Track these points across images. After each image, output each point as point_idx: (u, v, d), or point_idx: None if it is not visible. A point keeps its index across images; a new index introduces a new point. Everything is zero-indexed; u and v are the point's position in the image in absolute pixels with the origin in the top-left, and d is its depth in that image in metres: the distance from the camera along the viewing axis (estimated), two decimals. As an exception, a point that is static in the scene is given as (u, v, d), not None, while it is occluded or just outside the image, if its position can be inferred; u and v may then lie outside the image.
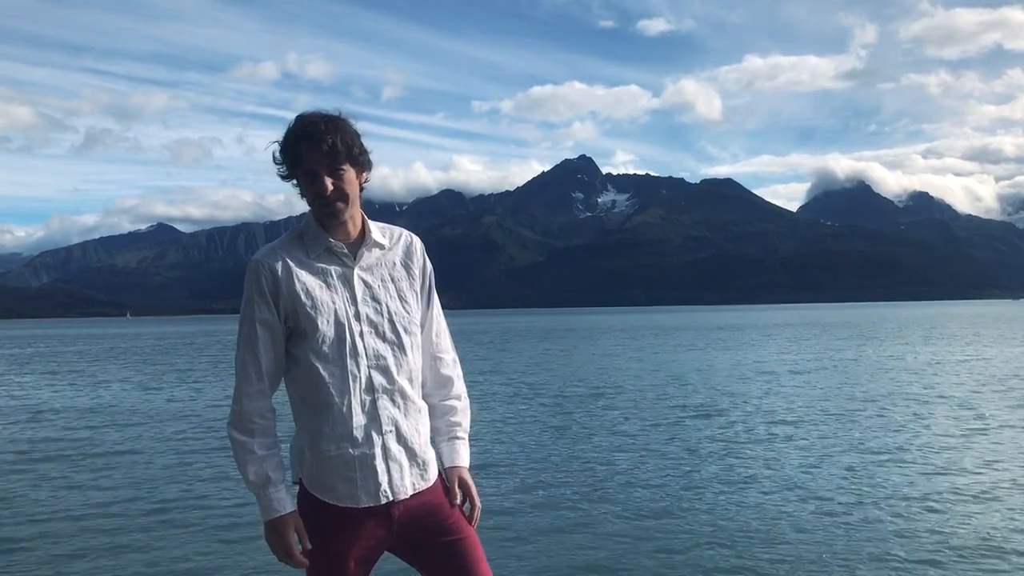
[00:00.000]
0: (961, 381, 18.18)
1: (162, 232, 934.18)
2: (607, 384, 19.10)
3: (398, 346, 2.35)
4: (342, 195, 2.28)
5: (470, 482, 2.48)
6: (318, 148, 2.22)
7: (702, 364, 24.74)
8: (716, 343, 37.21)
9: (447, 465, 2.47)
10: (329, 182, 2.25)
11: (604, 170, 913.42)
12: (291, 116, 2.30)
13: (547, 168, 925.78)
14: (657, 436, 11.59)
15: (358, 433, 2.27)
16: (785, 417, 13.04)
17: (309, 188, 2.28)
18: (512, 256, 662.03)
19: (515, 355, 32.24)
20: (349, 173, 2.29)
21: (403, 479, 2.32)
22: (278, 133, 2.32)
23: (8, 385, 22.71)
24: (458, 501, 2.44)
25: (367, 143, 2.34)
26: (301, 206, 2.38)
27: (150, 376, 24.90)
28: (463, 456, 2.50)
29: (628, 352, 31.72)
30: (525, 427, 12.81)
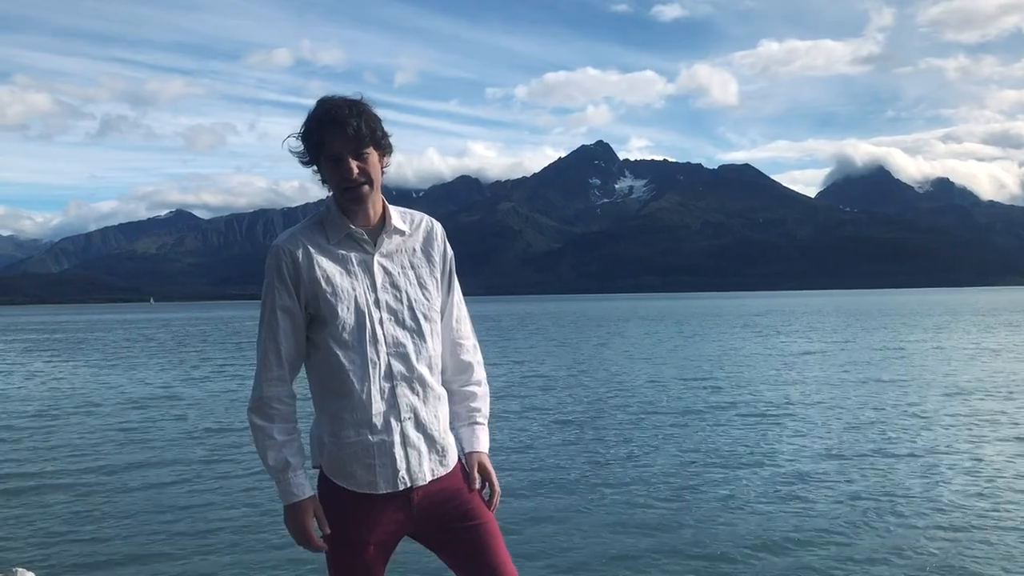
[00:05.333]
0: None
1: (181, 218, 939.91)
2: (654, 376, 18.50)
3: (417, 333, 2.35)
4: (368, 178, 2.28)
5: (490, 467, 2.48)
6: (343, 132, 2.23)
7: (755, 353, 24.40)
8: (760, 331, 36.92)
9: (467, 450, 2.48)
10: (355, 165, 2.25)
11: (619, 156, 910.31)
12: (304, 102, 2.25)
13: (562, 154, 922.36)
14: (719, 435, 10.93)
15: (377, 420, 2.28)
16: (863, 415, 12.25)
17: (334, 173, 2.28)
18: (529, 242, 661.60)
19: (563, 345, 32.00)
20: (373, 156, 2.29)
21: (421, 465, 2.33)
22: (291, 119, 2.25)
23: (78, 374, 22.68)
24: (477, 486, 2.45)
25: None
26: (316, 192, 2.34)
27: (204, 362, 25.15)
28: (483, 441, 2.50)
29: (670, 341, 31.14)
30: (589, 422, 12.47)
